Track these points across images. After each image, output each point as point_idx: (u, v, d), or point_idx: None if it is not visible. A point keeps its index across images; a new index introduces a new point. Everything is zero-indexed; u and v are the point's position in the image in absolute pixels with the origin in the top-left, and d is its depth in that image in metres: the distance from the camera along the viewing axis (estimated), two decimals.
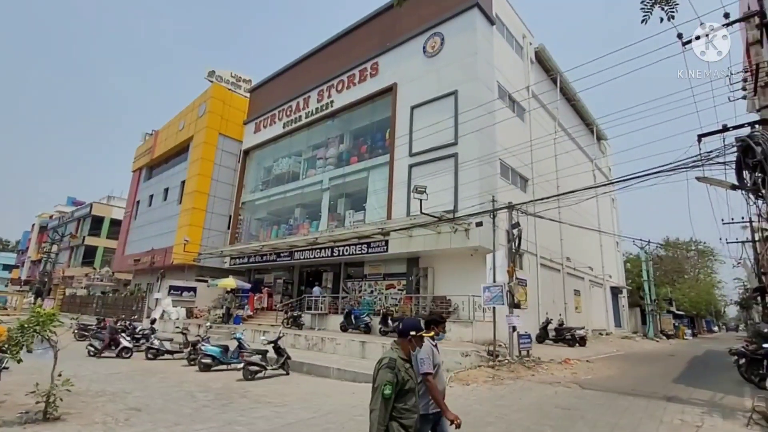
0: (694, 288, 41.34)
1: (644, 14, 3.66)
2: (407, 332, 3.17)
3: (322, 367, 11.48)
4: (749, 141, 7.06)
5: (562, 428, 6.26)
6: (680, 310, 39.60)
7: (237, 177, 28.77)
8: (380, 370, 2.98)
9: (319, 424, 6.38)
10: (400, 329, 3.23)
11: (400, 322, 3.42)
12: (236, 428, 6.09)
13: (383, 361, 3.02)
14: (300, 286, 23.43)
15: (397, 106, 18.98)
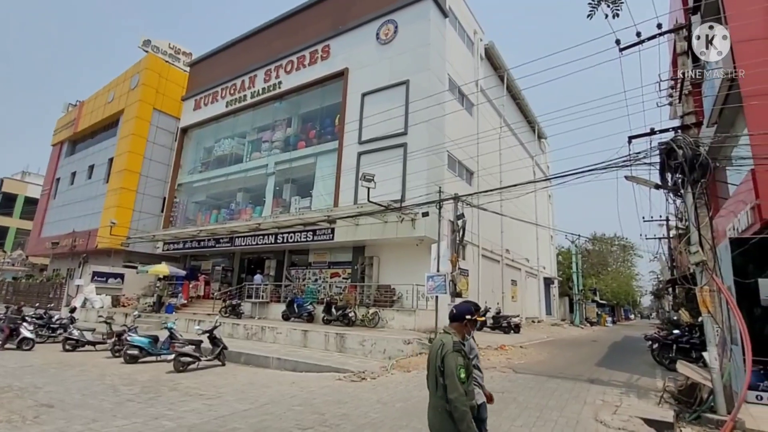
0: (615, 280, 45.28)
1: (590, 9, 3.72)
2: (463, 316, 3.06)
3: (261, 357, 11.09)
4: (672, 144, 7.61)
5: (497, 411, 6.46)
6: (603, 299, 43.21)
7: (173, 156, 26.91)
8: (447, 355, 2.80)
9: (255, 416, 6.10)
10: (455, 313, 3.10)
11: (454, 306, 3.24)
12: (163, 423, 5.66)
13: (446, 345, 2.85)
14: (240, 273, 22.52)
15: (347, 91, 18.60)
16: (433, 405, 2.88)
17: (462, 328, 3.06)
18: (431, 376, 2.92)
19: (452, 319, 3.11)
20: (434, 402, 2.86)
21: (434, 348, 2.94)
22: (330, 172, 18.43)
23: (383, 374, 9.15)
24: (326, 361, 10.44)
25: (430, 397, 2.94)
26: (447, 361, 2.78)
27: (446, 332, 3.03)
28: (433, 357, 2.90)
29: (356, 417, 6.05)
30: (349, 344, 11.87)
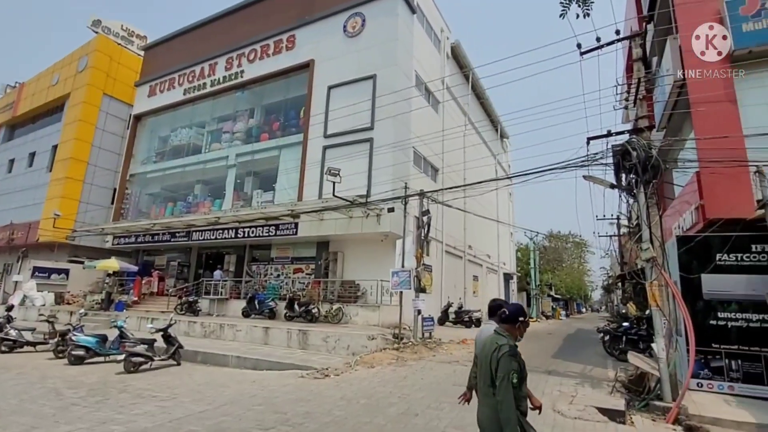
0: (569, 275, 47.46)
1: (562, 9, 3.78)
2: (516, 318, 3.02)
3: (219, 356, 10.71)
4: (628, 146, 7.97)
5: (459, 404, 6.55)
6: (557, 294, 45.19)
7: (125, 145, 25.40)
8: (502, 358, 2.79)
9: (213, 417, 5.84)
10: (508, 315, 3.04)
11: (505, 307, 3.17)
12: (111, 428, 5.30)
13: (502, 348, 2.83)
14: (198, 269, 21.64)
15: (313, 84, 18.24)
16: (485, 404, 2.91)
17: (514, 330, 3.03)
18: (484, 377, 2.92)
19: (504, 320, 3.07)
20: (487, 401, 2.90)
21: (488, 348, 2.93)
22: (294, 165, 18.03)
23: (347, 371, 9.06)
24: (288, 358, 10.22)
25: (482, 397, 2.96)
26: (502, 364, 2.78)
27: (500, 334, 3.00)
28: (487, 358, 2.89)
29: (319, 415, 5.93)
30: (312, 341, 11.68)
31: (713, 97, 8.83)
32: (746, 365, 7.11)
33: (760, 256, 7.32)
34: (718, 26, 8.85)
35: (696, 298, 7.58)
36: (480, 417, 2.97)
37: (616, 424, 5.82)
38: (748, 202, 7.65)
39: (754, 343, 7.14)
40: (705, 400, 6.76)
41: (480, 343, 3.46)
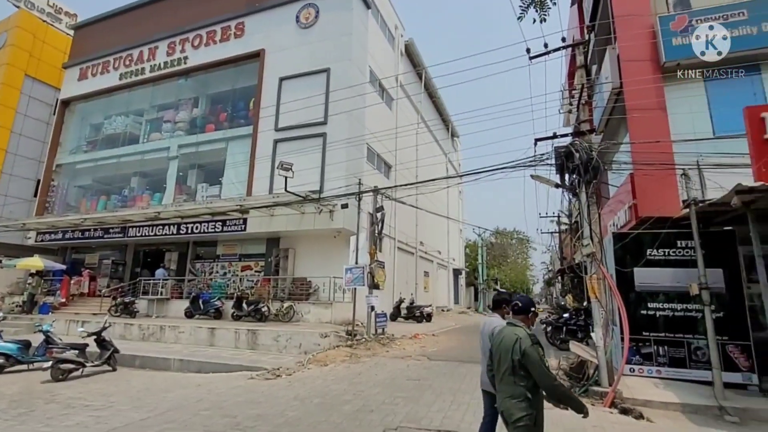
0: (513, 270, 49.80)
1: (521, 12, 3.87)
2: (528, 309, 3.22)
3: (160, 359, 10.09)
4: (571, 148, 8.42)
5: (413, 398, 6.63)
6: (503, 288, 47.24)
7: (50, 133, 23.09)
8: (528, 348, 2.93)
9: (156, 424, 5.46)
10: (521, 307, 3.22)
11: (517, 300, 3.33)
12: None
13: (523, 339, 2.97)
14: (134, 267, 20.21)
15: (264, 74, 17.60)
16: (509, 393, 2.99)
17: (527, 320, 3.22)
18: (506, 369, 3.01)
19: (518, 312, 3.24)
20: (510, 390, 2.99)
21: (507, 341, 3.04)
22: (243, 158, 17.32)
23: (300, 370, 8.86)
24: (237, 359, 9.82)
25: (506, 387, 3.03)
26: (529, 353, 2.92)
27: (515, 325, 3.15)
28: (509, 350, 3.00)
29: (272, 417, 5.74)
30: (262, 340, 11.31)
31: (646, 104, 9.56)
32: (671, 351, 7.79)
33: (684, 251, 8.03)
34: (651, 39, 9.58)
35: (629, 290, 8.17)
36: (500, 404, 3.10)
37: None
38: (675, 202, 8.37)
39: (678, 331, 7.82)
40: (637, 384, 7.32)
41: (486, 335, 3.61)
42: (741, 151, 7.59)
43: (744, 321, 7.38)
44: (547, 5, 3.79)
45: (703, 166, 8.22)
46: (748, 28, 8.84)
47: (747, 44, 8.85)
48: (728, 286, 7.58)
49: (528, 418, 2.92)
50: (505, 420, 3.07)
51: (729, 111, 8.90)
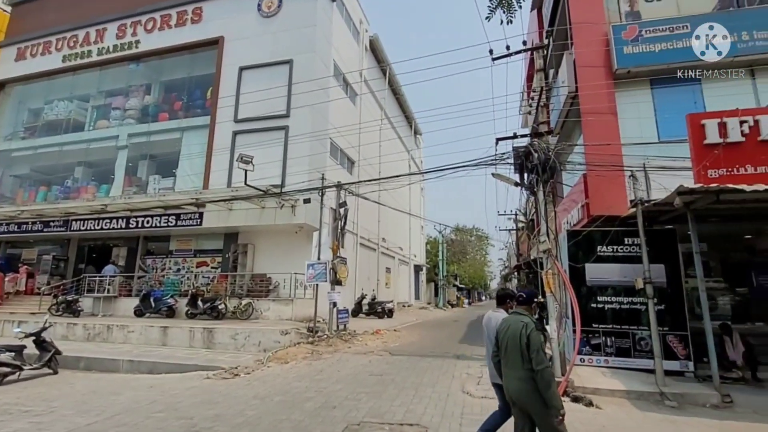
0: (472, 266, 51.17)
1: (489, 12, 3.94)
2: (531, 299, 3.63)
3: (107, 360, 9.53)
4: (530, 148, 8.72)
5: (376, 393, 6.64)
6: (462, 284, 48.44)
7: None
8: (532, 333, 3.27)
9: (103, 429, 5.13)
10: (525, 298, 3.63)
11: (522, 291, 3.72)
12: None
13: (529, 325, 3.32)
14: (78, 263, 18.89)
15: (223, 63, 16.95)
16: (519, 377, 3.29)
17: (531, 309, 3.61)
18: (514, 352, 3.33)
19: (522, 302, 3.64)
20: (521, 374, 3.28)
21: (515, 328, 3.37)
22: (199, 150, 16.61)
23: (259, 368, 8.64)
24: (192, 359, 9.44)
25: (513, 370, 3.34)
26: (533, 338, 3.26)
27: (520, 313, 3.53)
28: (517, 335, 3.32)
29: (231, 416, 5.56)
30: (219, 339, 10.93)
31: (599, 109, 10.07)
32: (618, 341, 8.28)
33: (631, 248, 8.54)
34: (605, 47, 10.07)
35: (581, 285, 8.59)
36: (510, 388, 3.38)
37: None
38: (623, 202, 8.88)
39: (624, 323, 8.33)
40: (586, 373, 7.73)
41: (492, 328, 3.90)
42: (683, 155, 8.18)
43: (682, 313, 7.98)
44: (513, 7, 3.88)
45: (649, 168, 8.75)
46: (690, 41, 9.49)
47: (689, 56, 9.50)
48: (669, 280, 8.15)
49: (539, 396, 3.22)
50: (513, 401, 3.37)
51: (673, 117, 9.53)
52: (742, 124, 7.27)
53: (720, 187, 6.21)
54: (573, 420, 5.48)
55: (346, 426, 5.13)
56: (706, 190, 6.31)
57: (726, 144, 7.18)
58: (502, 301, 4.13)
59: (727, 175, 7.08)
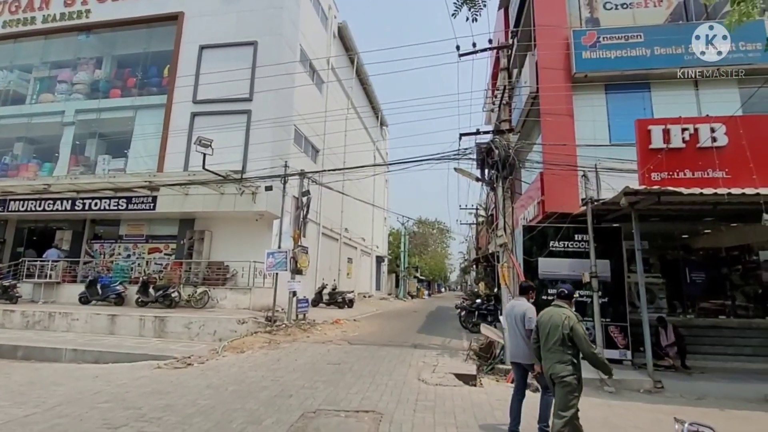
0: (433, 258, 52.11)
1: (455, 9, 3.99)
2: (572, 295, 4.18)
3: (48, 349, 9.02)
4: (492, 145, 8.97)
5: (333, 382, 6.69)
6: (423, 275, 49.27)
7: None
8: (575, 325, 3.84)
9: (44, 420, 4.86)
10: (567, 293, 4.18)
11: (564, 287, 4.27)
12: None
13: (571, 318, 3.89)
14: (17, 247, 17.60)
15: (182, 40, 16.16)
16: (558, 359, 3.86)
17: (570, 303, 4.14)
18: (556, 340, 3.88)
19: (564, 297, 4.18)
20: (559, 357, 3.85)
21: (557, 319, 3.92)
22: (154, 131, 15.80)
23: (213, 357, 8.46)
24: (141, 348, 9.09)
25: (555, 354, 3.89)
26: (576, 329, 3.82)
27: (561, 306, 4.07)
28: (559, 325, 3.87)
29: (182, 406, 5.42)
30: (172, 328, 10.57)
31: (557, 110, 10.47)
32: None
33: (580, 244, 9.01)
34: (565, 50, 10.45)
35: (534, 278, 8.97)
36: (549, 368, 3.92)
37: (469, 387, 6.62)
38: (575, 200, 9.33)
39: None
40: None
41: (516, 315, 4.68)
42: (631, 158, 8.69)
43: (623, 305, 8.54)
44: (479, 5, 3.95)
45: (600, 169, 9.24)
46: (643, 50, 10.03)
47: (640, 64, 10.05)
48: (613, 275, 8.68)
49: (573, 377, 3.80)
50: (553, 380, 3.89)
51: (623, 122, 10.07)
52: (684, 131, 7.83)
53: (661, 189, 6.66)
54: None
55: (302, 414, 5.14)
56: (649, 191, 6.75)
57: (668, 149, 7.71)
58: (525, 291, 4.95)
59: (668, 178, 7.62)
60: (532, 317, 4.53)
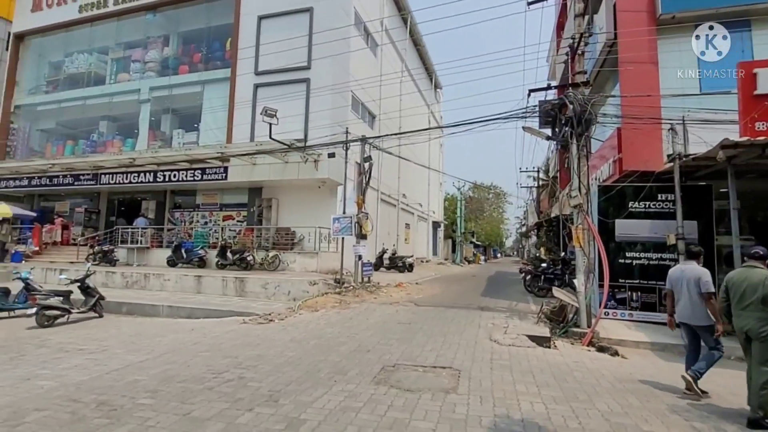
0: (489, 224, 51.20)
1: None
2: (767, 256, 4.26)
3: (147, 306, 10.10)
4: (565, 99, 8.41)
5: (406, 340, 6.94)
6: (479, 241, 48.71)
7: (5, 70, 21.20)
8: None
9: (156, 365, 5.54)
10: (761, 254, 4.26)
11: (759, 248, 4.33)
12: (39, 383, 4.79)
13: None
14: (109, 216, 19.61)
15: (241, 12, 16.45)
16: (756, 317, 4.01)
17: (765, 264, 4.23)
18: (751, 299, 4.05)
19: (759, 258, 4.27)
20: (758, 315, 4.01)
21: (754, 279, 4.09)
22: (221, 104, 16.53)
23: (291, 315, 9.05)
24: (227, 305, 9.93)
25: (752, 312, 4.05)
26: None
27: (755, 266, 4.21)
28: (756, 285, 4.05)
29: (272, 357, 5.91)
30: (250, 288, 11.41)
31: (639, 57, 9.54)
32: (644, 296, 8.37)
33: (664, 204, 8.41)
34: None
35: (609, 240, 8.58)
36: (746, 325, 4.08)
37: (543, 348, 6.59)
38: (658, 157, 8.63)
39: (651, 278, 8.37)
40: (611, 325, 7.89)
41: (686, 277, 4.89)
42: (726, 108, 7.80)
43: (712, 269, 7.92)
44: None
45: (688, 121, 8.41)
46: None
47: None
48: (701, 237, 8.06)
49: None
50: (749, 336, 4.06)
51: (716, 68, 9.01)
52: None
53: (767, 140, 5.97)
54: (600, 368, 5.68)
55: (382, 367, 5.42)
56: (752, 143, 6.09)
57: None
58: (695, 256, 5.14)
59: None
60: (708, 281, 4.75)
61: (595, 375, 5.33)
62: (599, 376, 5.28)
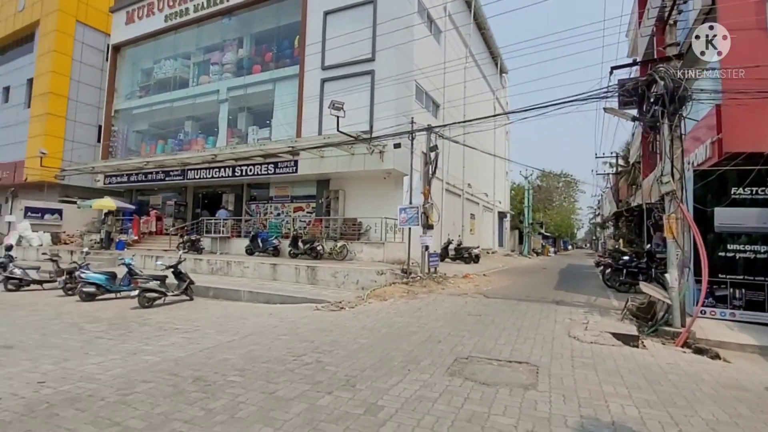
0: (559, 214, 48.48)
1: None
2: None
3: (231, 291, 10.86)
4: (655, 75, 7.63)
5: (477, 332, 6.80)
6: (548, 232, 46.39)
7: (105, 78, 23.82)
8: None
9: (242, 346, 5.97)
10: None
11: None
12: (144, 358, 5.38)
13: None
14: (195, 208, 21.40)
15: (308, 9, 16.91)
16: None
17: None
18: None
19: None
20: None
21: None
22: (290, 99, 17.22)
23: (360, 303, 9.28)
24: (300, 293, 10.41)
25: None
26: None
27: None
28: None
29: (346, 343, 6.10)
30: (321, 276, 11.86)
31: (743, 24, 8.38)
32: (749, 294, 7.43)
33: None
34: None
35: (707, 231, 7.70)
36: None
37: (630, 348, 6.12)
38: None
39: (759, 274, 7.40)
40: (708, 325, 7.12)
41: None
42: None
43: None
44: None
45: None
46: None
47: None
48: None
49: None
50: None
51: None
52: None
53: None
54: (700, 371, 5.16)
55: (455, 359, 5.37)
56: None
57: None
58: None
59: None
60: None
61: (693, 379, 4.84)
62: (699, 381, 4.79)
